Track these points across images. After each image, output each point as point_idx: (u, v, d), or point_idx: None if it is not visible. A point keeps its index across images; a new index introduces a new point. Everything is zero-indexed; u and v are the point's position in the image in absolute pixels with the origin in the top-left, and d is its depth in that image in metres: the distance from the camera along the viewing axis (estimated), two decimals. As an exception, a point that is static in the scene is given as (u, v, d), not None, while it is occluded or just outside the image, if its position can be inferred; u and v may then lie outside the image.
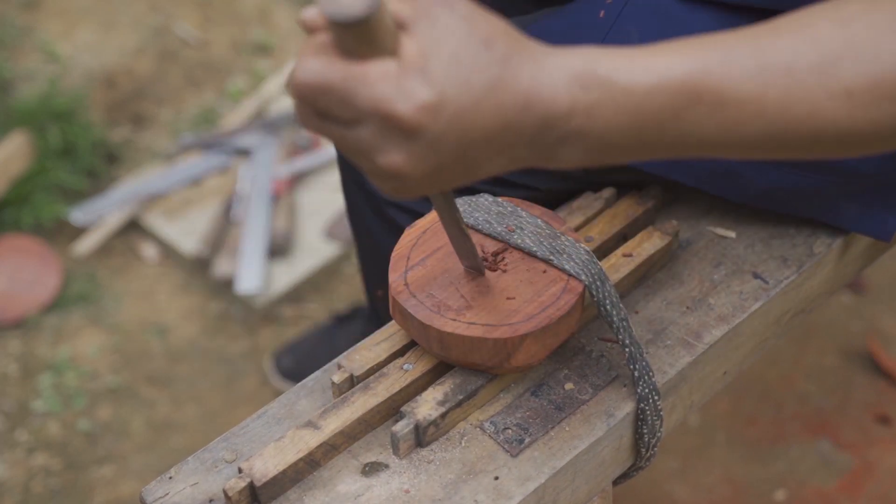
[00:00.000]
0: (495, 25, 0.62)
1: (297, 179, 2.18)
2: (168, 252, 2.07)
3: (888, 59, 0.64)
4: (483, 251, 0.89)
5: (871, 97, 0.64)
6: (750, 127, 0.65)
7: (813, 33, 0.65)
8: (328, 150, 2.22)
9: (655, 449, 0.90)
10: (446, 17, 0.60)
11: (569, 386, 0.87)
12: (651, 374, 0.85)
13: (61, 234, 2.09)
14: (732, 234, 1.01)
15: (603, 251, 0.97)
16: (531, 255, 0.88)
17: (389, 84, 0.58)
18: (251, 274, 1.96)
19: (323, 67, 0.59)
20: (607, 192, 1.01)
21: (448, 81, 0.59)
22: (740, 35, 0.66)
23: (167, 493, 0.82)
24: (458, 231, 0.82)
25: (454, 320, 0.82)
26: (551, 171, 1.02)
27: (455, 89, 0.59)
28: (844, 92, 0.64)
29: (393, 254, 0.89)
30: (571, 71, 0.63)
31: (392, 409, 0.85)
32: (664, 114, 0.64)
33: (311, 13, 0.61)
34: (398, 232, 0.93)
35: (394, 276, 0.87)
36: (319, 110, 0.61)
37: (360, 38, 0.58)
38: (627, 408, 0.86)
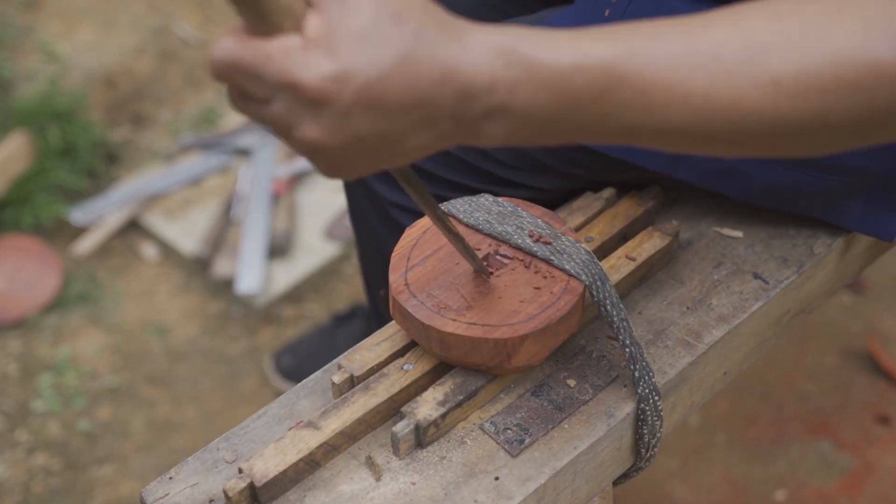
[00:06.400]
0: (409, 1, 0.62)
1: (297, 179, 2.18)
2: (168, 252, 2.07)
3: (818, 51, 0.64)
4: (483, 251, 0.89)
5: (799, 87, 0.64)
6: (674, 113, 0.65)
7: (744, 24, 0.65)
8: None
9: (655, 449, 0.90)
10: None
11: (569, 386, 0.87)
12: (651, 374, 0.85)
13: (61, 234, 2.09)
14: (739, 234, 1.01)
15: (603, 251, 0.97)
16: (531, 255, 0.88)
17: (293, 57, 0.60)
18: (251, 274, 1.96)
19: (233, 45, 0.61)
20: (607, 192, 1.01)
21: (353, 54, 0.60)
22: (671, 22, 0.66)
23: (167, 494, 0.82)
24: (445, 230, 0.82)
25: (454, 320, 0.82)
26: (551, 171, 1.01)
27: (361, 62, 0.60)
28: (771, 81, 0.64)
29: (393, 254, 0.89)
30: (494, 46, 0.63)
31: (392, 410, 0.85)
32: (586, 95, 0.64)
33: None
34: (401, 232, 0.93)
35: (394, 277, 0.87)
36: (239, 90, 0.63)
37: (255, 13, 0.60)
38: (628, 408, 0.86)
